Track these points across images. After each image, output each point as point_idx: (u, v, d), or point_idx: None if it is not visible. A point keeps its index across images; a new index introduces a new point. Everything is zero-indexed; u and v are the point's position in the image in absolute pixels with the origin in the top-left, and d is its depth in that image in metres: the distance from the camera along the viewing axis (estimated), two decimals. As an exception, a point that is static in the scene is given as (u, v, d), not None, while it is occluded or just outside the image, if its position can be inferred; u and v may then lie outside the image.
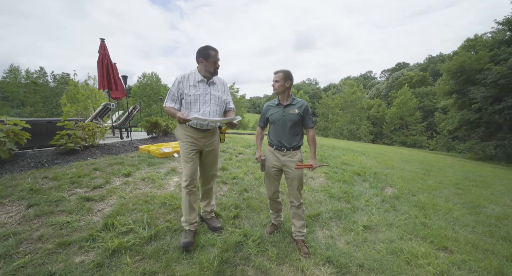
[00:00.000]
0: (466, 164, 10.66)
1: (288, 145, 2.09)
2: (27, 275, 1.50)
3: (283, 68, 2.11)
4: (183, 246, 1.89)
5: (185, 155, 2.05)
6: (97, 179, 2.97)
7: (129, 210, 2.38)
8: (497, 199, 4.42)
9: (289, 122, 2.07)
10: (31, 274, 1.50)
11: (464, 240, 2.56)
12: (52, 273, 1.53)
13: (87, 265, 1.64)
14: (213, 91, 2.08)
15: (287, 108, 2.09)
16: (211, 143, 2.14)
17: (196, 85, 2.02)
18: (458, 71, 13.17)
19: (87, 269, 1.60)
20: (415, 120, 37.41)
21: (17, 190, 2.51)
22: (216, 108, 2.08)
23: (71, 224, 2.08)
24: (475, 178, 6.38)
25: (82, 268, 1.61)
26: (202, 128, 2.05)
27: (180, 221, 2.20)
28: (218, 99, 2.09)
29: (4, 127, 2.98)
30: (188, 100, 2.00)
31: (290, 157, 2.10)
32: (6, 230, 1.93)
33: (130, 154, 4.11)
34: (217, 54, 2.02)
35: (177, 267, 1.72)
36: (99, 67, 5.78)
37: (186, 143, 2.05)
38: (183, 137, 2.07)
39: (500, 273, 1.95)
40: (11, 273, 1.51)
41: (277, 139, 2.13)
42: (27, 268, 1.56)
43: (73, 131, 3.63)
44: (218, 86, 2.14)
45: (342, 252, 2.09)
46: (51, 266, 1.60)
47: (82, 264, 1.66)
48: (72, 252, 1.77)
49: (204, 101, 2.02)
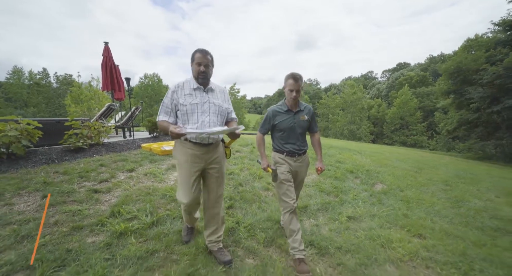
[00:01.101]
0: (461, 163, 10.84)
1: (300, 151, 2.07)
2: (48, 251, 1.75)
3: (300, 74, 1.94)
4: (185, 242, 2.04)
5: (184, 177, 1.79)
6: (103, 173, 3.23)
7: (133, 200, 2.64)
8: (482, 195, 4.64)
9: (301, 129, 2.05)
10: (52, 250, 1.76)
11: (439, 228, 2.79)
12: (69, 250, 1.79)
13: (98, 244, 1.89)
14: (212, 99, 1.81)
15: (298, 115, 2.04)
16: (214, 160, 1.84)
17: (192, 94, 1.76)
18: (455, 71, 13.37)
19: (99, 247, 1.85)
20: (415, 121, 37.53)
21: (32, 182, 2.77)
22: (216, 118, 1.80)
23: (82, 211, 2.34)
24: (466, 175, 6.59)
25: (94, 247, 1.86)
26: (203, 142, 1.76)
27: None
28: (218, 108, 1.82)
29: (18, 126, 3.25)
30: (184, 111, 1.73)
31: (301, 162, 2.10)
32: (26, 216, 2.19)
33: (133, 151, 4.37)
34: (203, 56, 1.72)
35: (176, 247, 1.97)
36: (103, 69, 6.07)
37: (186, 163, 1.77)
38: (181, 157, 1.80)
39: (463, 255, 2.18)
40: (29, 253, 1.76)
41: (287, 145, 2.07)
42: (48, 246, 1.82)
43: (80, 131, 3.90)
44: (218, 94, 1.88)
45: (324, 237, 2.33)
46: (68, 245, 1.85)
47: (94, 243, 1.91)
48: (84, 234, 2.02)
49: (202, 111, 1.75)
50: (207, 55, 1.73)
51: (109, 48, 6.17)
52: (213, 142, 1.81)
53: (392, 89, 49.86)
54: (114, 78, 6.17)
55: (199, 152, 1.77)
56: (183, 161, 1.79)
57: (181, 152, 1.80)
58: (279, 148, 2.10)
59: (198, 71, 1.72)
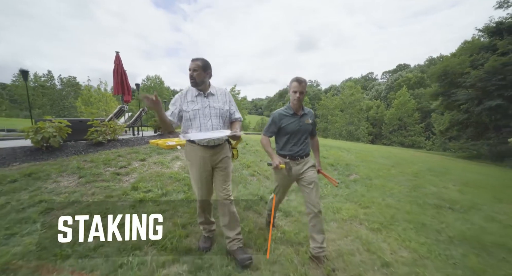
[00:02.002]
0: (444, 160, 11.56)
1: (303, 153, 2.11)
2: (93, 208, 2.56)
3: (305, 79, 2.03)
4: (201, 249, 2.04)
5: (197, 178, 1.97)
6: (121, 162, 4.03)
7: (146, 180, 3.44)
8: (441, 183, 5.39)
9: (305, 132, 2.12)
10: (95, 208, 2.57)
11: (385, 204, 3.56)
12: (107, 208, 2.59)
13: (126, 205, 2.70)
14: (213, 103, 1.94)
15: (303, 118, 2.10)
16: (222, 160, 1.98)
17: (194, 100, 1.92)
18: (442, 74, 14.12)
19: (126, 207, 2.65)
20: (413, 121, 38.14)
21: (68, 167, 3.58)
22: (218, 121, 1.92)
23: (110, 187, 3.15)
24: (438, 169, 7.33)
25: (123, 207, 2.67)
26: (209, 144, 1.91)
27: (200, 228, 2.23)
28: (219, 111, 1.94)
29: (53, 125, 4.07)
30: (187, 117, 1.90)
31: (304, 164, 2.12)
32: (71, 189, 3.00)
33: (143, 146, 5.17)
34: (192, 63, 1.89)
35: (179, 208, 2.76)
36: (115, 76, 6.91)
37: (197, 164, 1.94)
38: (193, 158, 1.96)
39: (392, 218, 2.96)
40: (83, 208, 2.57)
41: (291, 149, 2.10)
42: (92, 206, 2.62)
43: (100, 128, 4.72)
44: (218, 97, 1.99)
45: (292, 206, 3.12)
46: (105, 205, 2.65)
47: (122, 205, 2.72)
48: (115, 200, 2.82)
49: (204, 115, 1.90)
50: (196, 61, 1.88)
51: (119, 57, 7.01)
52: (220, 143, 1.95)
53: (391, 90, 50.49)
54: (124, 84, 7.02)
55: (207, 154, 1.92)
56: (193, 162, 1.96)
57: (190, 154, 1.97)
58: (282, 151, 2.13)
59: (189, 76, 1.89)
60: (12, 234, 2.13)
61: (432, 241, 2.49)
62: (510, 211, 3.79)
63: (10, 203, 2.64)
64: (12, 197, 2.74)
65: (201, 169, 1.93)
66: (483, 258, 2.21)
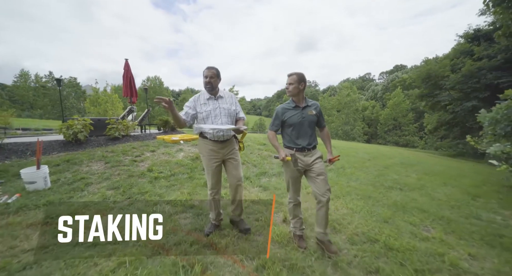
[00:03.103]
0: (425, 157, 12.53)
1: (309, 145, 2.14)
2: (121, 183, 3.50)
3: (296, 71, 2.13)
4: (206, 234, 2.28)
5: (208, 168, 2.27)
6: (136, 152, 4.97)
7: (158, 165, 4.38)
8: (405, 173, 6.33)
9: (309, 123, 2.12)
10: (123, 183, 3.50)
11: (347, 185, 4.49)
12: (131, 182, 3.53)
13: (145, 181, 3.64)
14: (222, 104, 2.26)
15: (305, 110, 2.14)
16: (230, 152, 2.29)
17: (206, 103, 2.24)
18: (426, 77, 15.12)
19: (145, 182, 3.60)
20: (407, 121, 39.15)
21: (95, 156, 4.52)
22: (227, 119, 2.24)
23: (131, 170, 4.09)
24: (409, 162, 8.29)
25: (143, 182, 3.60)
26: (219, 140, 2.21)
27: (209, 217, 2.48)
28: (227, 110, 2.26)
29: (80, 122, 5.00)
30: (201, 117, 2.22)
31: (311, 156, 2.15)
32: (101, 171, 3.94)
33: (151, 141, 6.11)
34: (208, 71, 2.19)
35: (185, 184, 3.70)
36: (124, 80, 7.86)
37: (208, 156, 2.24)
38: (204, 151, 2.26)
39: (347, 193, 3.89)
40: (114, 183, 3.51)
41: (297, 141, 2.14)
42: (120, 182, 3.56)
43: (116, 126, 5.66)
44: (227, 99, 2.32)
45: (270, 184, 4.06)
46: (129, 181, 3.59)
47: (142, 181, 3.66)
48: (136, 178, 3.76)
49: (215, 115, 2.21)
50: (212, 69, 2.20)
51: (128, 63, 7.96)
52: (228, 139, 2.25)
53: (387, 91, 51.54)
54: (132, 87, 7.96)
55: (216, 147, 2.23)
56: (204, 154, 2.28)
57: (202, 147, 2.29)
58: (289, 144, 2.18)
59: (205, 82, 2.20)
60: (70, 197, 3.07)
61: (368, 205, 3.43)
62: (448, 191, 4.75)
63: (60, 179, 3.58)
64: (59, 175, 3.69)
65: (211, 161, 2.24)
66: (397, 213, 3.15)
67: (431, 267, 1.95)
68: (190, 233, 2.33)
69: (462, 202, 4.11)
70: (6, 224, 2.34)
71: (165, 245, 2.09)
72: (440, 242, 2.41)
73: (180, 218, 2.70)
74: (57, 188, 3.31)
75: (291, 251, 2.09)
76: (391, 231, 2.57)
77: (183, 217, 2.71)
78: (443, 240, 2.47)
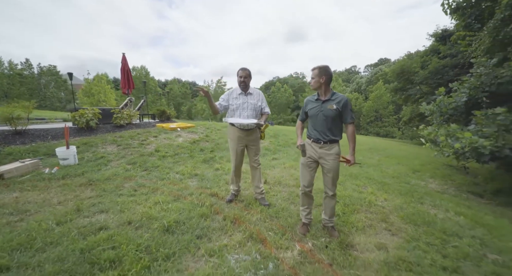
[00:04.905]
0: (395, 145, 14.06)
1: (325, 138, 2.14)
2: (137, 160, 4.38)
3: (319, 65, 2.15)
4: (228, 201, 2.88)
5: (233, 150, 2.75)
6: (141, 137, 5.80)
7: (162, 147, 5.27)
8: (370, 156, 7.56)
9: (326, 117, 2.11)
10: (138, 160, 4.38)
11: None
12: (144, 159, 4.42)
13: (155, 159, 4.54)
14: (250, 100, 2.68)
15: (325, 104, 2.13)
16: (253, 140, 2.74)
17: (237, 97, 2.68)
18: (400, 72, 16.53)
19: (155, 159, 4.49)
20: (388, 113, 41.39)
21: (107, 140, 5.32)
22: (252, 113, 2.67)
23: (140, 151, 4.95)
24: (377, 148, 9.60)
25: (153, 160, 4.50)
26: (244, 128, 2.66)
27: (229, 188, 3.16)
28: (254, 105, 2.68)
29: (91, 111, 5.73)
30: (232, 108, 2.68)
31: (327, 150, 2.16)
32: (116, 151, 4.78)
33: (152, 128, 6.92)
34: (242, 72, 2.59)
35: (187, 160, 4.64)
36: (122, 74, 8.47)
37: (235, 141, 2.70)
38: (232, 136, 2.71)
39: (313, 166, 4.98)
40: (130, 160, 4.38)
41: (314, 132, 2.20)
42: (135, 159, 4.44)
43: (121, 115, 6.42)
44: (255, 96, 2.73)
45: (255, 162, 5.06)
46: (142, 158, 4.48)
47: (152, 159, 4.55)
48: (147, 156, 4.64)
49: (243, 108, 2.66)
50: (245, 71, 2.62)
51: (125, 57, 8.55)
52: (251, 128, 2.69)
53: (370, 84, 53.58)
54: (130, 80, 8.60)
55: (242, 134, 2.69)
56: (232, 139, 2.74)
57: (231, 133, 2.74)
58: (308, 133, 2.30)
59: (239, 81, 2.63)
60: (98, 169, 3.93)
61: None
62: (397, 168, 5.98)
63: (84, 157, 4.41)
64: (82, 155, 4.51)
65: (237, 144, 2.72)
66: (349, 179, 4.26)
67: (356, 203, 3.06)
68: (198, 189, 3.31)
69: (403, 174, 5.35)
70: (63, 184, 3.21)
71: (181, 194, 3.06)
72: (370, 194, 3.54)
73: (188, 181, 3.66)
74: (85, 163, 4.14)
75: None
76: (340, 187, 3.66)
77: (190, 181, 3.67)
78: (373, 192, 3.60)
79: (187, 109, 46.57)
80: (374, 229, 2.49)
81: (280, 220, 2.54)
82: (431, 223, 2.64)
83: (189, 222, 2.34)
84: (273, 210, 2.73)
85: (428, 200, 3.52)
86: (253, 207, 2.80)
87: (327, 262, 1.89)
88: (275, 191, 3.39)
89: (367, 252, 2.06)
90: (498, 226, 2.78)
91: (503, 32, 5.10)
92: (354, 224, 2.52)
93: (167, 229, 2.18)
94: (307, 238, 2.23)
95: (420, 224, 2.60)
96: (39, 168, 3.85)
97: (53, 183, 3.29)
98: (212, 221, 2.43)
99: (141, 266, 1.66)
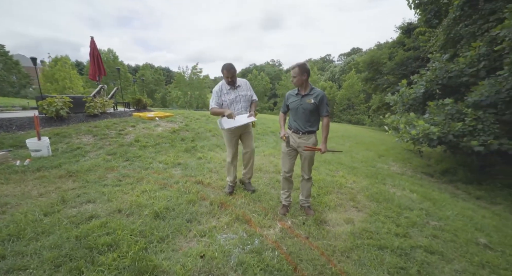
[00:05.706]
0: (365, 131, 15.13)
1: (303, 129, 2.37)
2: (117, 150, 4.32)
3: (298, 63, 2.31)
4: (227, 193, 2.94)
5: (228, 141, 2.88)
6: (118, 127, 5.64)
7: (141, 137, 5.21)
8: (342, 142, 8.15)
9: (305, 110, 2.32)
10: (118, 151, 4.33)
11: (294, 150, 5.94)
12: (124, 150, 4.37)
13: (136, 149, 4.51)
14: (240, 92, 2.80)
15: (304, 98, 2.33)
16: (246, 128, 2.88)
17: (228, 92, 2.78)
18: (370, 62, 17.45)
19: (136, 150, 4.47)
20: (359, 102, 43.65)
21: (81, 130, 5.11)
22: (245, 104, 2.82)
23: (119, 141, 4.86)
24: (348, 135, 10.31)
25: (134, 150, 4.47)
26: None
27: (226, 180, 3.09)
28: (245, 96, 2.82)
29: (60, 99, 5.40)
30: (226, 103, 2.77)
31: (305, 140, 2.39)
32: (93, 142, 4.65)
33: (128, 118, 6.70)
34: (228, 72, 2.66)
35: (169, 150, 4.68)
36: (91, 59, 7.92)
37: (229, 132, 2.78)
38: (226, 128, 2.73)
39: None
40: (110, 150, 4.31)
41: (294, 123, 2.43)
42: (115, 149, 4.37)
43: (94, 103, 6.11)
44: (243, 87, 2.84)
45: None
46: (121, 149, 4.43)
47: (133, 149, 4.52)
48: (126, 147, 4.59)
49: (236, 102, 2.78)
50: (231, 70, 2.68)
51: (94, 41, 7.95)
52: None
53: (343, 72, 55.48)
54: (100, 65, 8.06)
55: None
56: (226, 130, 2.76)
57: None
58: (289, 124, 2.52)
59: (227, 81, 2.73)
60: (77, 161, 3.84)
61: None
62: (365, 154, 6.58)
63: (58, 149, 4.24)
64: (56, 146, 4.33)
65: (232, 135, 2.85)
66: (322, 164, 4.66)
67: (328, 185, 3.44)
68: (183, 177, 3.44)
69: (370, 159, 5.93)
70: (40, 176, 3.13)
71: (167, 183, 3.18)
72: (341, 177, 3.95)
73: (172, 170, 3.76)
74: (60, 155, 4.00)
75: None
76: (315, 172, 4.02)
77: (174, 170, 3.78)
78: (343, 176, 4.02)
79: (161, 97, 44.54)
80: (344, 207, 2.86)
81: (263, 203, 2.80)
82: (390, 200, 3.09)
83: (178, 208, 2.50)
84: (256, 194, 2.98)
85: (390, 180, 4.04)
86: (237, 192, 3.02)
87: (304, 235, 2.20)
88: (256, 177, 3.64)
89: (337, 226, 2.41)
90: (440, 199, 3.36)
91: (454, 31, 5.70)
92: (327, 204, 2.87)
93: (157, 215, 2.33)
94: (287, 217, 2.52)
95: (381, 201, 3.04)
96: (8, 161, 3.65)
97: (28, 175, 3.19)
98: (199, 206, 2.61)
99: (138, 248, 1.81)
